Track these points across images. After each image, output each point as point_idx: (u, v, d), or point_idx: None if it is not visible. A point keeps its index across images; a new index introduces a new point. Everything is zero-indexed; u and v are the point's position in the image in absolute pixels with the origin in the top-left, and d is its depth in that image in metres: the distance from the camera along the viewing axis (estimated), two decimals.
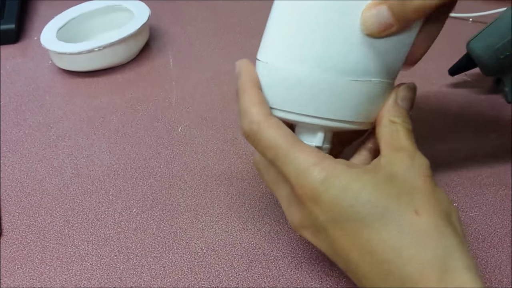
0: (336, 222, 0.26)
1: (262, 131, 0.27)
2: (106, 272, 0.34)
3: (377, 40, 0.27)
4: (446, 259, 0.23)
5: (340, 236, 0.26)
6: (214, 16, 0.64)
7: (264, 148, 0.27)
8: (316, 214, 0.26)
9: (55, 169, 0.42)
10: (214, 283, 0.33)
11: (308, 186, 0.26)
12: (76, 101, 0.50)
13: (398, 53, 0.28)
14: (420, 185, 0.26)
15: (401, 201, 0.25)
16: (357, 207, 0.25)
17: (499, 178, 0.39)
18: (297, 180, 0.26)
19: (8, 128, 0.47)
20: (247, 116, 0.28)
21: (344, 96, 0.28)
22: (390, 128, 0.29)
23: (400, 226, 0.24)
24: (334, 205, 0.25)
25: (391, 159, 0.27)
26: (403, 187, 0.26)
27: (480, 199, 0.38)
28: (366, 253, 0.25)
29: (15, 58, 0.58)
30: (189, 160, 0.42)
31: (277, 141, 0.27)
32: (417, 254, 0.24)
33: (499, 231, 0.35)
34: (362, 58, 0.27)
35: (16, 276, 0.34)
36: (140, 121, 0.47)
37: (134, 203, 0.39)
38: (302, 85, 0.28)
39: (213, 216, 0.37)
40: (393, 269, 0.24)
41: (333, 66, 0.27)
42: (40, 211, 0.39)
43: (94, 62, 0.53)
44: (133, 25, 0.53)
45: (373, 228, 0.25)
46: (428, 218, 0.24)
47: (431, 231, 0.24)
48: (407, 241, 0.24)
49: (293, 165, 0.26)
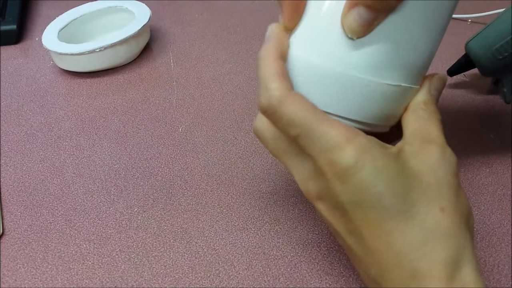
0: (359, 206, 0.24)
1: (284, 108, 0.25)
2: (107, 271, 0.34)
3: (396, 36, 0.26)
4: (459, 259, 0.23)
5: (360, 221, 0.25)
6: (214, 16, 0.64)
7: (287, 125, 0.25)
8: (339, 192, 0.25)
9: (57, 169, 0.43)
10: (215, 282, 0.33)
11: (339, 164, 0.24)
12: (77, 102, 0.51)
13: (415, 45, 0.27)
14: (448, 182, 0.25)
15: (429, 197, 0.24)
16: (386, 197, 0.24)
17: (498, 178, 0.40)
18: (326, 156, 0.25)
19: (10, 128, 0.47)
20: (267, 90, 0.26)
21: (371, 98, 0.27)
22: (421, 116, 0.27)
23: (424, 222, 0.24)
24: (362, 189, 0.24)
25: (420, 149, 0.26)
26: (432, 182, 0.25)
27: (478, 198, 0.38)
28: (384, 243, 0.24)
29: (17, 59, 0.58)
30: (189, 160, 0.43)
31: (302, 117, 0.25)
32: (433, 251, 0.23)
33: (498, 231, 0.36)
34: (392, 60, 0.26)
35: (18, 275, 0.34)
36: (141, 121, 0.47)
37: (135, 203, 0.39)
38: (329, 83, 0.27)
39: (213, 215, 0.38)
40: (406, 263, 0.24)
41: (366, 67, 0.26)
42: (41, 211, 0.39)
43: (95, 63, 0.53)
44: (134, 26, 0.53)
45: (397, 220, 0.24)
46: (451, 217, 0.24)
47: (452, 231, 0.24)
48: (428, 237, 0.24)
49: (322, 140, 0.25)
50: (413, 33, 0.27)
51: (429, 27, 0.27)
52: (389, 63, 0.27)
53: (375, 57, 0.26)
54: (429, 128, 0.27)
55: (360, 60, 0.26)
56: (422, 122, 0.27)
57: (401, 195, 0.24)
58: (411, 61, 0.27)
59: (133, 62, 0.56)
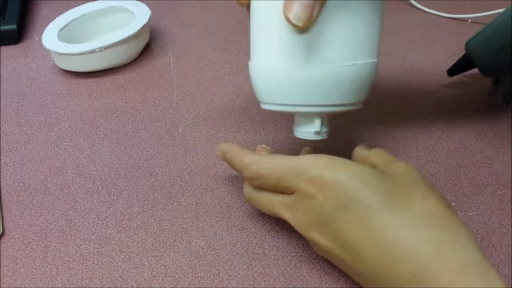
0: (344, 208, 0.26)
1: (261, 166, 0.31)
2: (107, 271, 0.34)
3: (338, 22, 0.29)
4: (456, 235, 0.25)
5: (349, 223, 0.26)
6: (214, 16, 0.64)
7: (268, 176, 0.30)
8: (323, 203, 0.27)
9: (57, 169, 0.43)
10: (215, 282, 0.33)
11: (314, 177, 0.27)
12: (78, 102, 0.51)
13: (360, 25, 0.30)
14: (422, 179, 0.28)
15: (409, 189, 0.27)
16: (366, 193, 0.26)
17: (498, 178, 0.40)
18: (303, 179, 0.28)
19: (10, 128, 0.47)
20: (244, 165, 0.32)
21: (333, 82, 0.30)
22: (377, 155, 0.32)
23: (411, 210, 0.26)
24: (342, 190, 0.26)
25: (389, 167, 0.30)
26: (407, 180, 0.28)
27: (478, 198, 0.38)
28: (379, 238, 0.25)
29: (17, 59, 0.58)
30: (189, 160, 0.43)
31: (276, 164, 0.30)
32: (432, 234, 0.25)
33: (498, 231, 0.36)
34: (338, 44, 0.30)
35: (18, 275, 0.34)
36: (141, 121, 0.47)
37: (135, 203, 0.39)
38: (291, 79, 0.30)
39: (213, 215, 0.38)
40: (408, 251, 0.24)
41: (317, 57, 0.30)
42: (41, 211, 0.39)
43: (95, 63, 0.53)
44: (134, 26, 0.53)
45: (384, 214, 0.25)
46: (435, 202, 0.26)
47: (440, 213, 0.26)
48: (418, 221, 0.25)
49: (296, 170, 0.29)
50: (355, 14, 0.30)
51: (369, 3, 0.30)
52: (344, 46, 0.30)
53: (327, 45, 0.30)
54: (386, 158, 0.31)
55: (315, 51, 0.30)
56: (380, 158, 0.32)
57: (381, 192, 0.26)
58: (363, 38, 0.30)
59: (133, 62, 0.56)
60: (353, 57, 0.30)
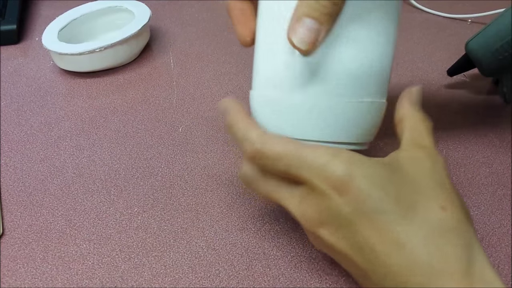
0: (363, 214, 0.25)
1: (267, 146, 0.28)
2: (107, 271, 0.34)
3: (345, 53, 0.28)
4: (470, 255, 0.24)
5: (367, 229, 0.25)
6: (214, 16, 0.64)
7: (274, 160, 0.28)
8: (340, 205, 0.26)
9: (57, 169, 0.43)
10: (215, 282, 0.33)
11: (333, 176, 0.26)
12: (77, 102, 0.51)
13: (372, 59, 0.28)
14: (444, 183, 0.27)
15: (427, 197, 0.26)
16: (385, 201, 0.25)
17: (498, 178, 0.40)
18: (320, 174, 0.26)
19: (10, 128, 0.47)
20: (247, 140, 0.29)
21: (333, 118, 0.29)
22: (411, 126, 0.29)
23: (428, 221, 0.25)
24: (363, 196, 0.25)
25: (414, 155, 0.28)
26: (428, 185, 0.26)
27: (478, 198, 0.38)
28: (395, 246, 0.24)
29: (17, 59, 0.58)
30: (189, 160, 0.43)
31: (285, 149, 0.27)
32: (445, 247, 0.24)
33: (498, 231, 0.36)
34: (345, 77, 0.28)
35: (18, 275, 0.34)
36: (141, 121, 0.47)
37: (135, 203, 0.39)
38: (294, 112, 0.29)
39: (213, 215, 0.38)
40: (421, 262, 0.24)
41: (320, 90, 0.28)
42: (41, 211, 0.39)
43: (95, 63, 0.53)
44: (134, 26, 0.53)
45: (402, 223, 0.25)
46: (454, 214, 0.25)
47: (457, 227, 0.25)
48: (435, 235, 0.24)
49: (311, 163, 0.26)
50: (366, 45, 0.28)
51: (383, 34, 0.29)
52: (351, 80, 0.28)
53: (334, 78, 0.28)
54: (420, 135, 0.29)
55: (321, 84, 0.28)
56: (414, 131, 0.29)
57: (400, 198, 0.25)
58: (373, 73, 0.29)
59: (133, 62, 0.56)
60: (359, 94, 0.28)
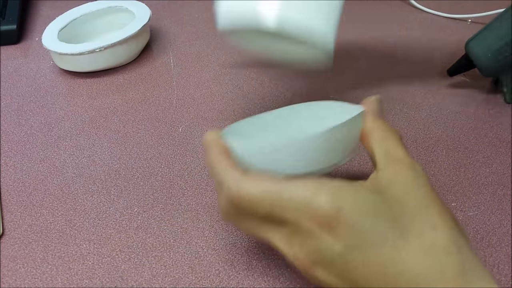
0: (355, 249, 0.24)
1: (244, 191, 0.25)
2: (107, 271, 0.34)
3: None
4: (465, 271, 0.23)
5: (361, 266, 0.24)
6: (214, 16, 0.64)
7: (253, 204, 0.25)
8: (331, 244, 0.24)
9: (57, 169, 0.43)
10: (215, 282, 0.33)
11: (319, 213, 0.24)
12: (78, 102, 0.51)
13: None
14: (430, 198, 0.25)
15: (418, 218, 0.24)
16: (377, 230, 0.24)
17: (498, 178, 0.40)
18: (304, 214, 0.24)
19: (10, 128, 0.47)
20: (224, 184, 0.26)
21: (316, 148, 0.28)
22: (381, 140, 0.28)
23: (421, 244, 0.24)
24: (353, 230, 0.24)
25: (393, 173, 0.26)
26: (415, 204, 0.25)
27: (478, 198, 0.38)
28: (393, 278, 0.24)
29: (17, 59, 0.58)
30: (189, 160, 0.43)
31: (264, 191, 0.25)
32: (442, 271, 0.23)
33: (498, 231, 0.36)
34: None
35: (18, 275, 0.34)
36: (141, 121, 0.47)
37: (135, 203, 0.39)
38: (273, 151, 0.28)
39: (213, 215, 0.38)
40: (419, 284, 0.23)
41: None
42: (42, 211, 0.39)
43: (95, 63, 0.53)
44: (134, 26, 0.53)
45: (396, 249, 0.24)
46: (445, 233, 0.24)
47: (450, 246, 0.24)
48: (430, 255, 0.23)
49: (293, 203, 0.24)
50: None
51: None
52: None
53: None
54: (392, 147, 0.28)
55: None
56: (384, 144, 0.28)
57: (390, 225, 0.24)
58: None
59: (133, 62, 0.56)
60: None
